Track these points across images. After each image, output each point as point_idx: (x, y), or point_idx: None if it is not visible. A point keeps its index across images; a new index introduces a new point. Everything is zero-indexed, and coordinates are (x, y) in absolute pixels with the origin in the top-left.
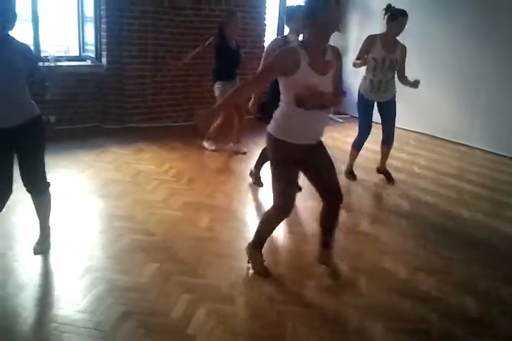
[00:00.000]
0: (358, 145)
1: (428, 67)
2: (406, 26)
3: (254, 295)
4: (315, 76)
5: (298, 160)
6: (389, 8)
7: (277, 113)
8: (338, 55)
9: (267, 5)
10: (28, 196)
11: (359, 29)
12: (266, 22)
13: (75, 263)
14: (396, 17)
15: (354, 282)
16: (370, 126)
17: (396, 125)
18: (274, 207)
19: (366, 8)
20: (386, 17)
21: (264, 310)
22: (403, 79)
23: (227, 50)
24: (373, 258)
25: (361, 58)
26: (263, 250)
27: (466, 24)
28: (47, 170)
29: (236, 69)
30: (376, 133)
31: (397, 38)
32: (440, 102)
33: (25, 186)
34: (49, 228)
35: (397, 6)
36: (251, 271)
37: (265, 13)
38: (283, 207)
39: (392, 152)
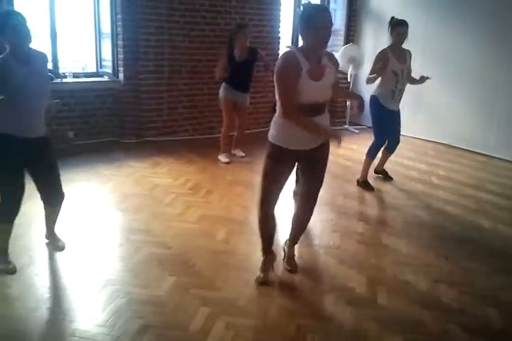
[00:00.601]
0: (374, 154)
1: (445, 77)
2: (423, 36)
3: (273, 308)
4: (311, 83)
5: (293, 160)
6: (390, 21)
7: (274, 118)
8: (334, 61)
9: (281, 18)
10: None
11: (374, 40)
12: (280, 35)
13: (94, 277)
14: (394, 28)
15: (374, 294)
16: (387, 135)
17: (414, 135)
18: (257, 202)
19: (380, 19)
20: (389, 29)
21: (282, 323)
22: (412, 81)
23: (233, 63)
24: (393, 270)
25: (376, 73)
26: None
27: (482, 34)
28: (67, 183)
29: (244, 82)
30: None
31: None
32: (458, 112)
33: (44, 198)
34: (55, 229)
35: (412, 17)
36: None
37: (279, 27)
38: (263, 199)
39: (411, 163)
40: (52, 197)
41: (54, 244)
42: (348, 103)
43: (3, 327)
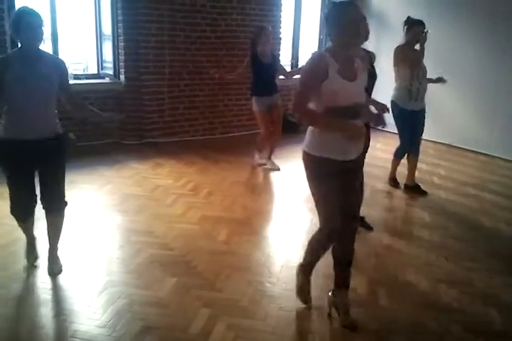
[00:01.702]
0: (401, 154)
1: (446, 76)
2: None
3: (274, 310)
4: (344, 83)
5: (331, 175)
6: (407, 20)
7: (310, 128)
8: (366, 59)
9: (281, 19)
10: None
11: (376, 40)
12: (281, 36)
13: (95, 278)
14: (410, 27)
15: (376, 295)
16: (411, 135)
17: None
18: (320, 230)
19: (382, 19)
20: (405, 28)
21: (283, 324)
22: (428, 81)
23: (260, 64)
24: (395, 270)
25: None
26: None
27: (485, 33)
28: (68, 185)
29: (273, 82)
30: (390, 143)
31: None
32: (459, 111)
33: (44, 203)
34: (57, 249)
35: (414, 16)
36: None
37: (280, 27)
38: (329, 227)
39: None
40: (53, 202)
41: (51, 266)
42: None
43: (4, 329)
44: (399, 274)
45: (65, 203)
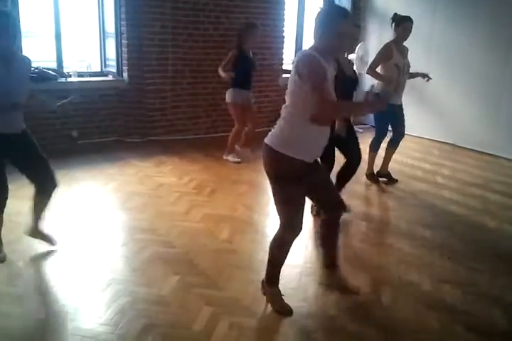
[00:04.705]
0: (376, 146)
1: (451, 76)
2: (429, 35)
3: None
4: (330, 85)
5: (300, 177)
6: (395, 17)
7: (282, 126)
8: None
9: (285, 17)
10: (49, 210)
11: (378, 38)
12: (284, 34)
13: (98, 276)
14: (401, 23)
15: (378, 295)
16: (388, 128)
17: (419, 135)
18: (282, 227)
19: (385, 18)
20: (393, 24)
21: (286, 323)
22: (410, 76)
23: (246, 59)
24: (397, 270)
25: (379, 65)
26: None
27: (489, 32)
28: (71, 182)
29: (251, 79)
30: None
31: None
32: (463, 111)
33: (39, 187)
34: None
35: (417, 15)
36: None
37: (283, 26)
38: (294, 227)
39: (415, 162)
40: (48, 184)
41: (43, 236)
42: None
43: (7, 326)
44: (401, 273)
45: (57, 182)
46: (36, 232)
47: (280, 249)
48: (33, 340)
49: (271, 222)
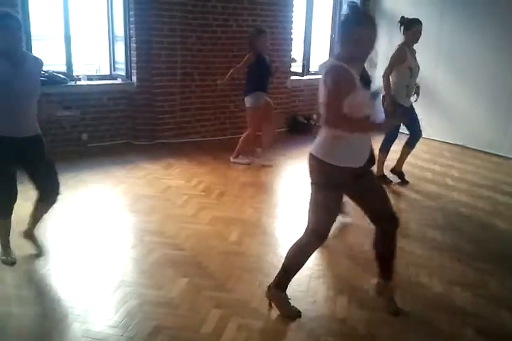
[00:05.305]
0: (386, 147)
1: (460, 78)
2: (437, 37)
3: None
4: (365, 92)
5: (345, 184)
6: (403, 20)
7: (324, 135)
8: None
9: (293, 19)
10: (58, 213)
11: (387, 40)
12: (292, 36)
13: (107, 278)
14: (410, 26)
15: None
16: (399, 130)
17: (428, 136)
18: (311, 233)
19: (394, 20)
20: (402, 28)
21: (294, 325)
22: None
23: (264, 62)
24: (407, 271)
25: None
26: None
27: (498, 34)
28: (80, 185)
29: (268, 81)
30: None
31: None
32: (472, 113)
33: (42, 196)
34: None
35: (426, 18)
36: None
37: (291, 28)
38: (324, 235)
39: (425, 164)
40: (51, 195)
41: (35, 240)
42: None
43: (17, 327)
44: (412, 275)
45: (59, 192)
46: (30, 235)
47: (303, 255)
48: None
49: (279, 224)
